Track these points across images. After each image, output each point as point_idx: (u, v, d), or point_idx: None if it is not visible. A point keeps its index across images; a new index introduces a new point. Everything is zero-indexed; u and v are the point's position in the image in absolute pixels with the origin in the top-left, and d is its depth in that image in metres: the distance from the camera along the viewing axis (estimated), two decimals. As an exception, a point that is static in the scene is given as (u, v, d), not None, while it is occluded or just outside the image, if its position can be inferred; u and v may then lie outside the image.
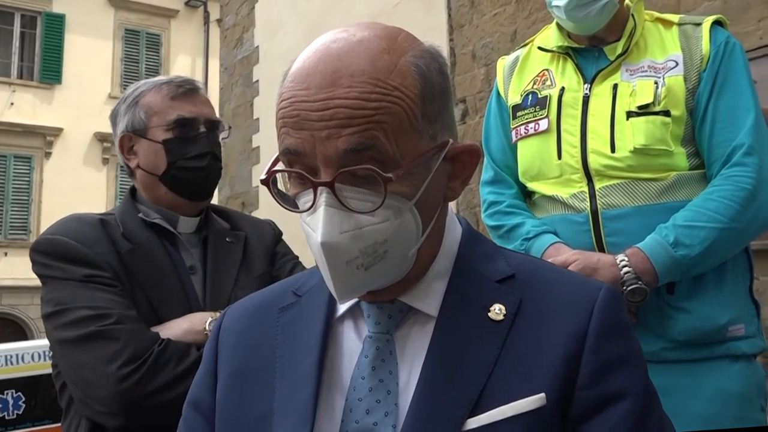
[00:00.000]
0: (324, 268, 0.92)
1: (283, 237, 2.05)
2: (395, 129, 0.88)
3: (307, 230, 0.93)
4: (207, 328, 1.63)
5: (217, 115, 1.88)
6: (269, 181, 0.95)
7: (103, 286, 1.62)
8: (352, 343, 1.02)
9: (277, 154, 0.96)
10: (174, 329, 1.63)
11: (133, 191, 1.88)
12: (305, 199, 0.93)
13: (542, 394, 0.90)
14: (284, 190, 0.97)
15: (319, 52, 0.92)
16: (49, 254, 1.68)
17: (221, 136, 1.88)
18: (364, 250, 0.90)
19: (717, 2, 5.21)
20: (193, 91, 1.84)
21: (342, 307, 1.05)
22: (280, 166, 0.95)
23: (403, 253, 0.94)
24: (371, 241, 0.90)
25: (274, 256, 1.94)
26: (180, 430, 1.12)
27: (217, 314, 1.64)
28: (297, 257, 2.00)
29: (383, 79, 0.88)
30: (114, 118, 1.86)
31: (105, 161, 19.22)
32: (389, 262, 0.93)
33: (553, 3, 1.95)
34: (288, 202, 0.96)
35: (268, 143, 10.88)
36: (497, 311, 0.96)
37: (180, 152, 1.78)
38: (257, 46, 11.81)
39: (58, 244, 1.68)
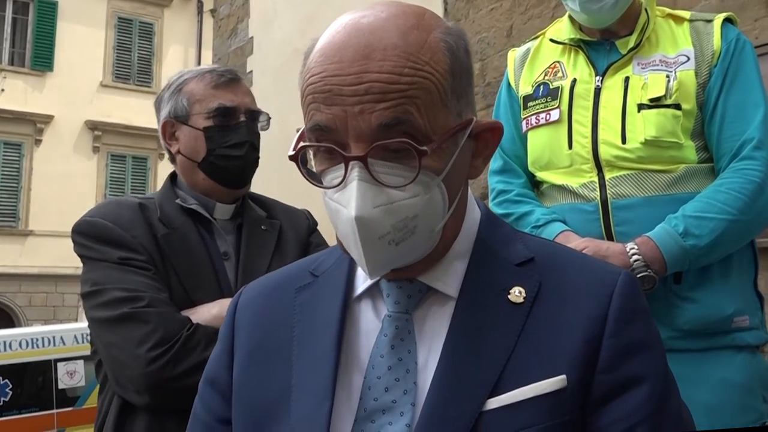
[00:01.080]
0: (356, 243, 0.91)
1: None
2: (427, 104, 0.89)
3: (335, 206, 0.93)
4: None
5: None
6: (298, 158, 0.95)
7: (137, 269, 1.66)
8: (371, 323, 1.02)
9: (301, 129, 0.96)
10: (204, 314, 1.66)
11: (173, 177, 1.92)
12: (333, 176, 0.92)
13: (563, 376, 0.90)
14: (312, 169, 0.97)
15: (349, 27, 0.92)
16: (88, 235, 1.73)
17: (260, 125, 1.91)
18: (395, 225, 0.90)
19: (714, 1, 5.24)
20: (234, 81, 1.87)
21: (360, 287, 1.05)
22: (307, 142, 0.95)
23: (430, 228, 0.94)
24: (402, 216, 0.90)
25: (307, 246, 1.95)
26: (196, 408, 1.12)
27: None
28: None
29: (415, 53, 0.89)
30: (158, 104, 1.91)
31: (95, 149, 19.14)
32: (418, 237, 0.93)
33: None
34: (316, 179, 0.96)
35: (262, 135, 10.85)
36: (517, 294, 0.97)
37: (219, 140, 1.82)
38: (251, 37, 11.77)
39: (96, 226, 1.72)
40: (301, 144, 0.95)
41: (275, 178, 10.22)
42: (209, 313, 1.66)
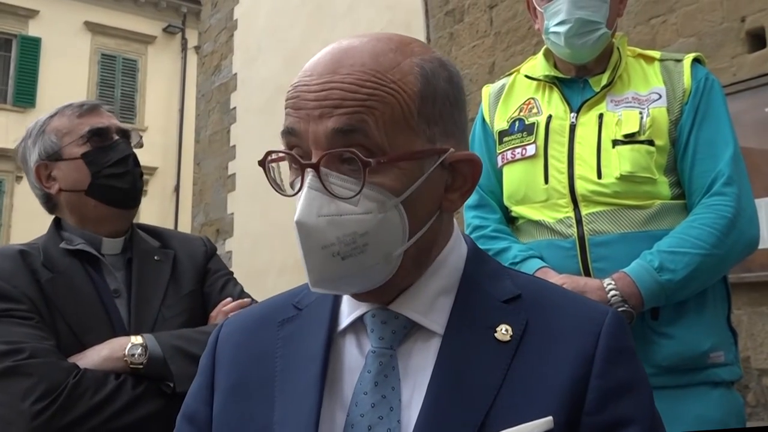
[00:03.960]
0: (300, 250, 0.92)
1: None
2: (386, 118, 0.90)
3: None
4: (127, 353, 1.59)
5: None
6: (265, 163, 0.97)
7: (19, 319, 1.59)
8: (354, 358, 1.00)
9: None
10: (93, 357, 1.59)
11: (57, 221, 1.85)
12: (296, 185, 0.94)
13: (550, 418, 0.88)
14: (279, 182, 0.99)
15: (330, 48, 0.96)
16: None
17: (134, 144, 1.87)
18: (341, 238, 0.90)
19: (692, 39, 5.32)
20: (96, 107, 1.85)
21: (344, 321, 1.03)
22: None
23: (385, 251, 0.93)
24: (350, 230, 0.90)
25: (205, 273, 1.91)
26: None
27: (138, 338, 1.62)
28: (230, 273, 1.97)
29: (382, 71, 0.91)
30: (23, 155, 1.84)
31: (77, 186, 19.02)
32: (369, 257, 0.92)
33: (552, 29, 1.99)
34: (282, 189, 0.99)
35: (244, 170, 10.86)
36: (504, 332, 0.96)
37: (101, 161, 1.78)
38: (235, 74, 11.85)
39: None
40: (268, 150, 0.97)
41: (258, 213, 10.20)
42: (99, 355, 1.59)
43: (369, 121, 0.89)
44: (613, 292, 1.76)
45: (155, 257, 1.85)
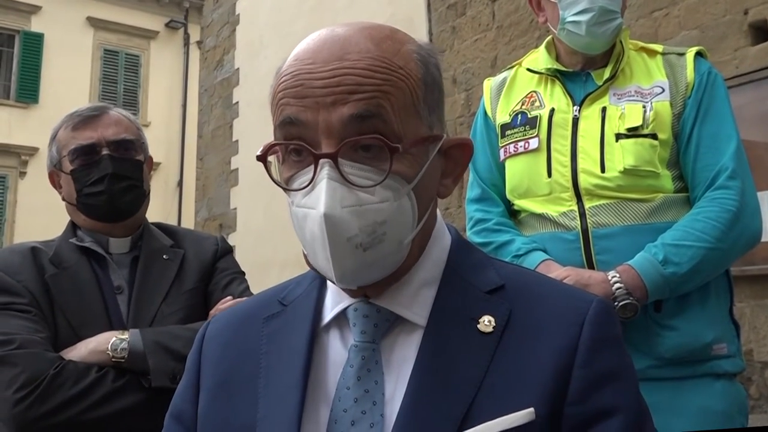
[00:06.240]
0: (324, 244, 0.89)
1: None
2: (400, 104, 0.89)
3: (303, 212, 0.91)
4: (109, 348, 1.64)
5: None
6: (265, 158, 0.94)
7: (17, 312, 1.67)
8: (338, 353, 0.99)
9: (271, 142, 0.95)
10: (80, 350, 1.66)
11: None
12: (302, 180, 0.91)
13: (531, 409, 0.87)
14: (276, 177, 0.96)
15: (324, 35, 0.93)
16: None
17: (137, 155, 1.90)
18: (363, 228, 0.88)
19: (694, 32, 5.32)
20: (93, 118, 1.87)
21: (327, 316, 1.02)
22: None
23: (399, 239, 0.92)
24: (371, 220, 0.89)
25: (212, 272, 1.95)
26: None
27: (125, 334, 1.67)
28: (239, 273, 2.00)
29: (389, 58, 0.90)
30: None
31: (81, 181, 19.01)
32: (387, 246, 0.91)
33: (570, 19, 1.98)
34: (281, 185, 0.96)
35: (246, 165, 10.87)
36: (486, 323, 0.94)
37: (83, 180, 1.84)
38: (237, 68, 11.85)
39: None
40: (271, 142, 0.94)
41: (260, 208, 10.21)
42: (86, 348, 1.66)
43: (386, 106, 0.88)
44: (617, 285, 1.77)
45: (164, 256, 1.90)
